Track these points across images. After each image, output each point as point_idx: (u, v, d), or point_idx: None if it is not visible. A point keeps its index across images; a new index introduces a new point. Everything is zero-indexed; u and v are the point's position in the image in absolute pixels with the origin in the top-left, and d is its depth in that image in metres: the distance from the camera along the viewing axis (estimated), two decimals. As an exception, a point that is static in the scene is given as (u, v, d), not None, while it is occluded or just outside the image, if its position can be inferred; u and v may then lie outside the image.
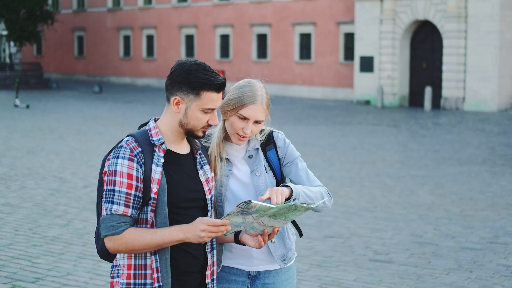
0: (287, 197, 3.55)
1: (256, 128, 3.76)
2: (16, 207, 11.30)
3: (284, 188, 3.57)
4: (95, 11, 60.45)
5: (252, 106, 3.71)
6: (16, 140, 20.44)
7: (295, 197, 3.58)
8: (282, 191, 3.51)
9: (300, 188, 3.65)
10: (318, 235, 10.20)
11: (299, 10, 45.91)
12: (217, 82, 3.38)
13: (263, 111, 3.74)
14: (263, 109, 3.74)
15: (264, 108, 3.74)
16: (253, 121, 3.72)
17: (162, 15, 54.80)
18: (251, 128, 3.72)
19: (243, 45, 49.26)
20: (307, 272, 8.34)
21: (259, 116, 3.72)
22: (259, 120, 3.74)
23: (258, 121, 3.74)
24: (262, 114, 3.74)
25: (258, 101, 3.73)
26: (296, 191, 3.60)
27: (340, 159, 18.55)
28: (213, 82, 3.36)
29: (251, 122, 3.72)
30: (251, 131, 3.73)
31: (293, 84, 46.32)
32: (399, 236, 10.28)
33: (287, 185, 3.62)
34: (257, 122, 3.74)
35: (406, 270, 8.54)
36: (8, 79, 50.68)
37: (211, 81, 3.36)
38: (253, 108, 3.71)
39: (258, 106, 3.72)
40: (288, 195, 3.57)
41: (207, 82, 3.36)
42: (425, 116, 33.32)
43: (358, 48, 41.19)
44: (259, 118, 3.73)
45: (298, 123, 29.08)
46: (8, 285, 7.38)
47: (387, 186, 14.56)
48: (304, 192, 3.65)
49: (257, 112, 3.72)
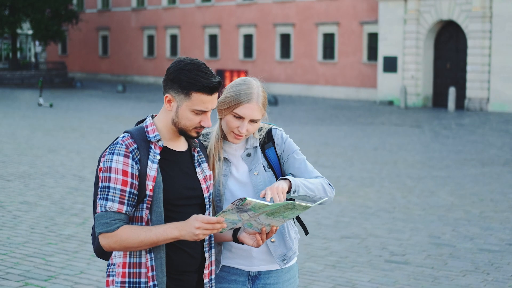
0: (287, 190, 3.49)
1: (252, 127, 3.68)
2: (33, 205, 11.33)
3: (283, 182, 3.49)
4: (119, 10, 60.68)
5: (247, 105, 3.63)
6: (38, 138, 20.53)
7: (295, 189, 3.50)
8: (282, 188, 3.43)
9: (299, 180, 3.56)
10: (335, 235, 10.13)
11: (323, 10, 45.79)
12: (207, 84, 3.28)
13: (258, 110, 3.66)
14: (258, 107, 3.65)
15: (259, 106, 3.66)
16: (249, 120, 3.65)
17: (186, 15, 54.89)
18: (246, 127, 3.64)
19: (266, 45, 49.21)
20: (321, 272, 8.27)
21: (254, 115, 3.64)
22: (255, 119, 3.66)
23: (254, 120, 3.66)
24: (258, 113, 3.66)
25: (253, 100, 3.64)
26: (295, 184, 3.51)
27: (361, 160, 18.44)
28: (203, 83, 3.28)
29: (246, 121, 3.64)
30: (247, 130, 3.65)
31: (316, 84, 46.21)
32: (417, 237, 10.18)
33: (286, 178, 3.54)
34: (253, 121, 3.66)
35: (422, 271, 8.44)
36: (33, 78, 51.03)
37: (201, 82, 3.28)
38: (248, 106, 3.63)
39: (254, 105, 3.64)
40: (288, 188, 3.49)
41: (196, 83, 3.27)
42: (449, 116, 33.08)
43: (381, 48, 41.02)
44: (254, 117, 3.64)
45: (320, 123, 28.98)
46: (21, 283, 7.37)
47: (407, 187, 14.44)
48: (304, 184, 3.56)
49: (253, 111, 3.64)
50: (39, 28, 53.27)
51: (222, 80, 3.34)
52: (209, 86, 3.29)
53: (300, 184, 3.54)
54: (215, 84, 3.30)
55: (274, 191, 3.40)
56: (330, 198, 3.70)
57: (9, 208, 11.03)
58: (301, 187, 3.54)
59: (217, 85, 3.31)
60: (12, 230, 9.62)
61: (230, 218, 3.26)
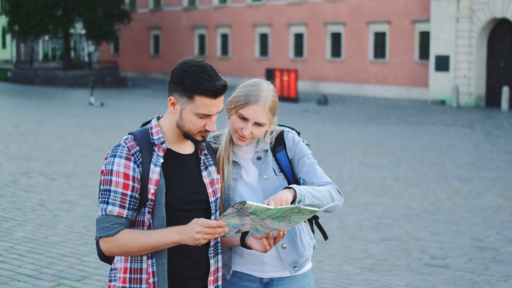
0: (291, 200, 3.35)
1: (258, 130, 3.54)
2: (74, 204, 11.36)
3: (287, 192, 3.35)
4: (171, 10, 60.99)
5: (253, 107, 3.51)
6: (86, 137, 20.67)
7: (300, 199, 3.35)
8: (286, 199, 3.28)
9: (305, 189, 3.41)
10: (375, 237, 9.95)
11: (374, 8, 45.38)
12: (211, 87, 3.16)
13: (264, 114, 3.52)
14: (264, 111, 3.52)
15: (265, 110, 3.52)
16: (254, 123, 3.52)
17: (236, 14, 54.92)
18: (251, 130, 3.52)
19: (317, 44, 48.97)
20: (358, 276, 8.11)
21: (259, 118, 3.51)
22: (260, 122, 3.52)
23: (259, 124, 3.53)
24: (263, 116, 3.52)
25: (260, 102, 3.52)
26: (300, 193, 3.37)
27: (408, 160, 18.17)
28: (206, 87, 3.15)
29: (250, 123, 3.51)
30: (251, 133, 3.53)
31: (367, 84, 45.83)
32: (459, 240, 9.94)
33: (290, 187, 3.41)
34: (258, 125, 3.53)
35: (462, 275, 8.23)
36: (85, 77, 51.63)
37: (204, 85, 3.15)
38: (254, 108, 3.51)
39: (259, 108, 3.51)
40: (292, 198, 3.36)
41: (199, 86, 3.16)
42: (502, 116, 32.47)
43: (433, 47, 40.48)
44: (259, 120, 3.51)
45: (369, 122, 28.71)
46: (54, 283, 7.36)
47: (454, 188, 14.16)
48: (310, 192, 3.41)
49: (257, 113, 3.51)
50: (91, 28, 53.86)
51: (226, 83, 3.22)
52: (213, 89, 3.16)
53: (305, 193, 3.40)
54: (219, 88, 3.17)
55: (278, 201, 3.26)
56: (338, 205, 3.55)
57: (50, 207, 11.08)
58: (307, 196, 3.39)
59: (222, 88, 3.18)
60: (50, 229, 9.65)
61: (232, 222, 3.13)
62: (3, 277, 7.44)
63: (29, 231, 9.48)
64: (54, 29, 55.09)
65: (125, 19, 56.16)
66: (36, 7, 52.03)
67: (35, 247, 8.66)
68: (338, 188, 3.60)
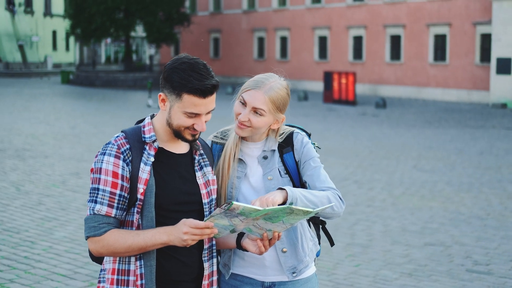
0: (281, 202, 3.24)
1: (256, 119, 3.43)
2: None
3: (278, 193, 3.23)
4: (230, 13, 61.21)
5: (253, 91, 3.43)
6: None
7: (291, 201, 3.22)
8: (273, 200, 3.16)
9: (299, 192, 3.27)
10: (418, 242, 9.73)
11: (434, 10, 44.82)
12: (199, 86, 3.04)
13: (263, 101, 3.41)
14: (264, 98, 3.42)
15: (265, 98, 3.42)
16: (251, 109, 3.42)
17: (295, 17, 54.85)
18: (249, 116, 3.42)
19: (376, 47, 48.60)
20: (396, 281, 7.93)
21: (256, 103, 3.41)
22: (257, 109, 3.42)
23: (257, 112, 3.43)
24: (261, 103, 3.41)
25: (261, 89, 3.43)
26: (293, 195, 3.23)
27: (463, 164, 17.82)
28: (194, 85, 3.04)
29: (248, 108, 3.42)
30: (249, 120, 3.42)
31: (426, 87, 45.27)
32: (506, 246, 9.66)
33: (283, 188, 3.29)
34: (256, 112, 3.43)
35: (504, 282, 7.98)
36: (145, 79, 52.21)
37: (193, 84, 3.04)
38: (253, 93, 3.42)
39: (259, 94, 3.42)
40: (283, 199, 3.24)
41: (187, 84, 3.04)
42: None
43: (495, 50, 39.79)
44: (256, 105, 3.41)
45: (427, 126, 28.31)
46: (86, 283, 7.36)
47: (507, 193, 13.81)
48: (304, 196, 3.28)
49: (255, 98, 3.42)
50: (152, 31, 54.44)
51: (217, 83, 3.12)
52: (201, 88, 3.05)
53: (299, 196, 3.26)
54: (207, 87, 3.06)
55: (264, 202, 3.15)
56: (337, 212, 3.42)
57: (95, 207, 11.12)
58: (300, 199, 3.25)
59: (211, 88, 3.07)
60: (91, 229, 9.67)
61: (221, 223, 3.02)
62: (37, 276, 7.48)
63: (70, 231, 9.53)
64: (115, 32, 55.81)
65: (185, 22, 56.59)
66: (97, 10, 52.78)
67: (73, 247, 8.70)
68: (340, 195, 3.46)
